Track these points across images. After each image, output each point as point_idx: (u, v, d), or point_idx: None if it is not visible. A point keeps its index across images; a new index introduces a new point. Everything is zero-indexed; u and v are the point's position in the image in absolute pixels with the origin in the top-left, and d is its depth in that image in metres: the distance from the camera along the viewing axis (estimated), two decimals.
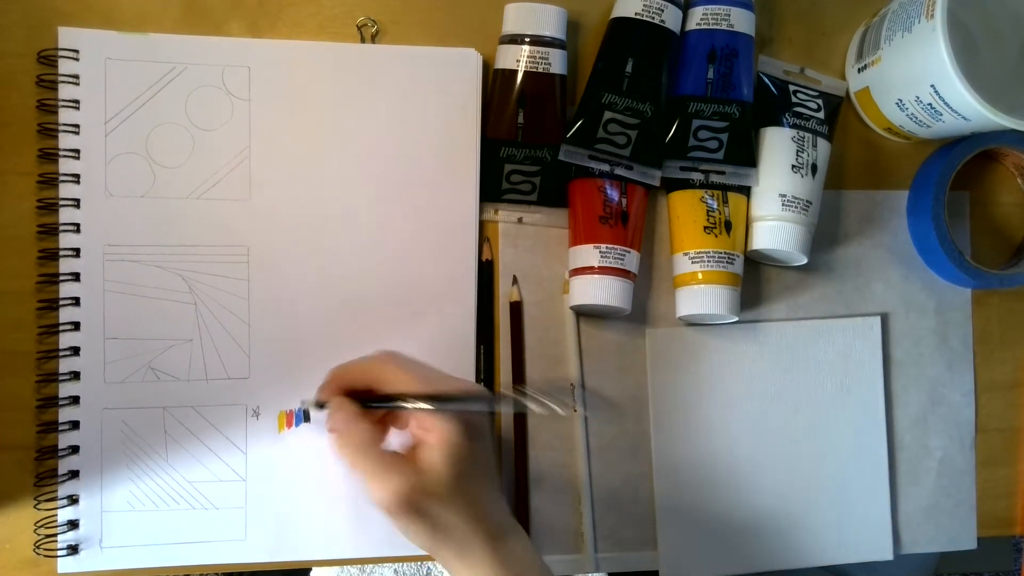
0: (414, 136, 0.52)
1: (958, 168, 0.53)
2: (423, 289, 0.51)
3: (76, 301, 0.49)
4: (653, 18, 0.50)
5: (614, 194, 0.51)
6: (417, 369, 0.43)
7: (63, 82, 0.49)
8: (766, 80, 0.54)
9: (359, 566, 0.67)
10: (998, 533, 0.57)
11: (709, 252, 0.51)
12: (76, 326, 0.49)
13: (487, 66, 0.52)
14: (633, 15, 0.50)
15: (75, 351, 0.49)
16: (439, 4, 0.53)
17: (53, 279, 0.49)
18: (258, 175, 0.50)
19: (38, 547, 0.48)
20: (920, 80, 0.49)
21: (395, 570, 0.67)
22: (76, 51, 0.49)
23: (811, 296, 0.55)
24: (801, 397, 0.54)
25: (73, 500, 0.49)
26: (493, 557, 0.42)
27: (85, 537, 0.49)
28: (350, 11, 0.52)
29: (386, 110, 0.51)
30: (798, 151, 0.52)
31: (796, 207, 0.51)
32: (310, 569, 0.69)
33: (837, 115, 0.55)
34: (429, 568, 0.67)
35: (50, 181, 0.49)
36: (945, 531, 0.56)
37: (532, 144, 0.51)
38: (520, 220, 0.53)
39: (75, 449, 0.49)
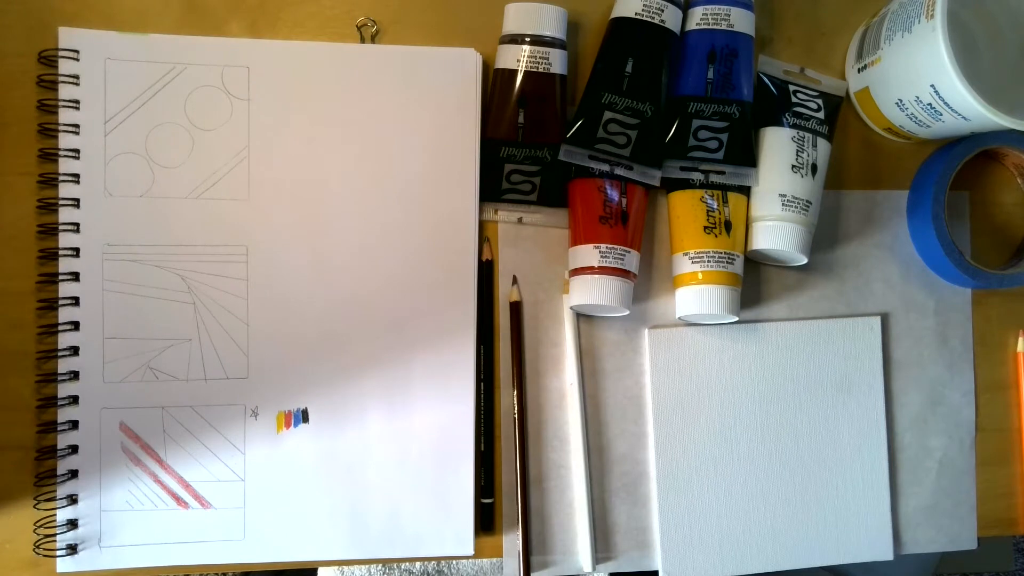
0: (414, 136, 0.51)
1: (958, 168, 0.53)
2: (423, 289, 0.51)
3: (75, 301, 0.49)
4: (653, 18, 0.50)
5: (614, 194, 0.51)
6: None
7: (63, 82, 0.49)
8: (766, 80, 0.54)
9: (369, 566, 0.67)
10: (998, 533, 0.57)
11: (709, 252, 0.51)
12: (75, 326, 0.49)
13: (487, 66, 0.52)
14: (633, 15, 0.50)
15: (74, 351, 0.49)
16: (439, 4, 0.53)
17: (53, 279, 0.49)
18: (257, 175, 0.50)
19: (38, 547, 0.48)
20: (920, 80, 0.49)
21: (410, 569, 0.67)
22: (76, 51, 0.49)
23: (811, 296, 0.55)
24: (801, 397, 0.54)
25: (72, 500, 0.49)
26: None
27: (84, 537, 0.49)
28: (350, 11, 0.52)
29: (386, 110, 0.51)
30: (798, 151, 0.52)
31: (796, 207, 0.51)
32: (316, 569, 0.69)
33: (837, 115, 0.55)
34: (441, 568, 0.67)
35: (50, 181, 0.49)
36: (945, 531, 0.56)
37: (532, 144, 0.51)
38: (520, 220, 0.53)
39: (74, 449, 0.49)
